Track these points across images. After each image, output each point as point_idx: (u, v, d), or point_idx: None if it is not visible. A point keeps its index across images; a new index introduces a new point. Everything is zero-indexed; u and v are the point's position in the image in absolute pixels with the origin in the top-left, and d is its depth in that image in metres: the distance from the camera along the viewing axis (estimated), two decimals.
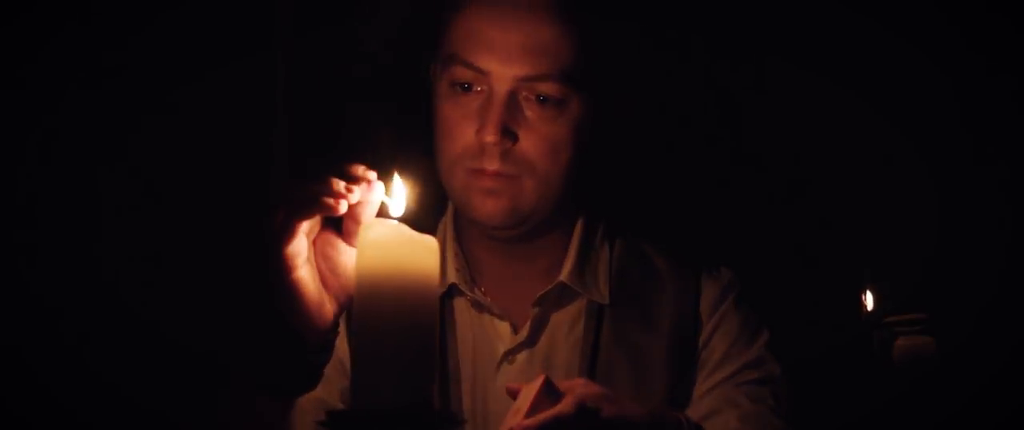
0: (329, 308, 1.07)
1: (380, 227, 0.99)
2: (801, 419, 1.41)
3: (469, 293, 1.38)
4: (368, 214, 1.05)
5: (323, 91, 1.85)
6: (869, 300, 1.83)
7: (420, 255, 0.95)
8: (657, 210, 1.71)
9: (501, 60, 1.27)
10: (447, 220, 1.43)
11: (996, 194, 1.89)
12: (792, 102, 1.92)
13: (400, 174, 1.07)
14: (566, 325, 1.39)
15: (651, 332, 1.39)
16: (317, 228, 1.06)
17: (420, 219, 1.04)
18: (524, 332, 1.37)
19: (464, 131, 1.30)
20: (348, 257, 1.07)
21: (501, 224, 1.32)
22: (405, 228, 0.99)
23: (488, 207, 1.31)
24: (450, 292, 1.40)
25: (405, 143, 1.52)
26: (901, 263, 1.90)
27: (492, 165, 1.28)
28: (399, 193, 1.07)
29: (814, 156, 1.93)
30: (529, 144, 1.28)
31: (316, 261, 1.06)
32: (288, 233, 1.02)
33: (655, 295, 1.41)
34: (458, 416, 1.26)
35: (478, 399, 1.37)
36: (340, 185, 1.03)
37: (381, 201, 1.06)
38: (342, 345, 1.31)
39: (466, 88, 1.30)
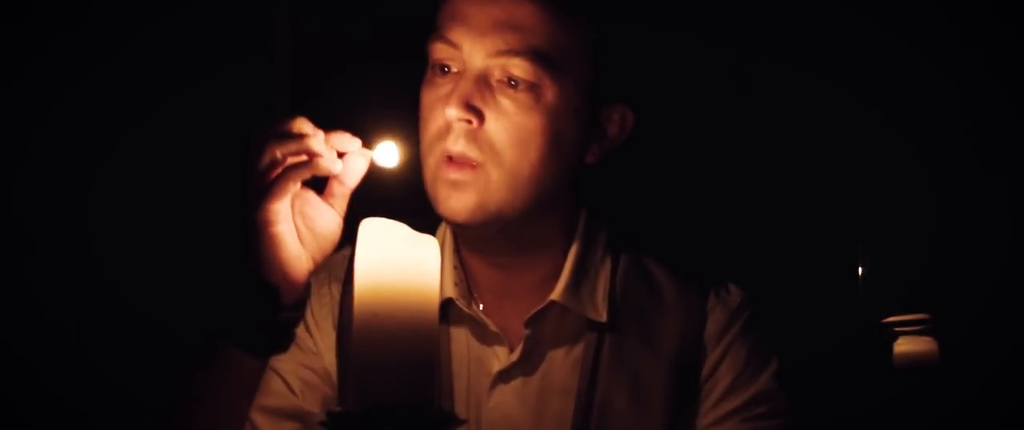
0: (305, 264, 1.15)
1: (379, 224, 0.98)
2: (802, 419, 1.38)
3: (466, 308, 1.33)
4: (352, 176, 1.16)
5: (321, 83, 1.86)
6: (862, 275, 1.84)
7: (420, 251, 0.94)
8: (661, 220, 1.68)
9: (473, 34, 1.24)
10: (446, 232, 1.37)
11: (997, 194, 1.89)
12: (793, 103, 1.92)
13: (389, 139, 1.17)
14: (564, 345, 1.33)
15: (653, 356, 1.33)
16: (297, 185, 1.13)
17: (419, 224, 1.03)
18: (517, 352, 1.32)
19: (436, 114, 1.26)
20: (325, 216, 1.16)
21: (468, 221, 1.26)
22: (403, 226, 0.98)
23: (453, 202, 1.25)
24: (447, 307, 1.34)
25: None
26: (901, 263, 1.90)
27: (457, 146, 1.23)
28: (389, 151, 1.16)
29: (816, 157, 1.93)
30: (497, 129, 1.24)
31: (294, 218, 1.14)
32: (278, 190, 1.11)
33: (659, 316, 1.35)
34: (457, 416, 1.24)
35: (472, 418, 1.32)
36: (331, 150, 1.13)
37: (369, 159, 1.16)
38: (328, 355, 1.31)
39: (444, 70, 1.27)
